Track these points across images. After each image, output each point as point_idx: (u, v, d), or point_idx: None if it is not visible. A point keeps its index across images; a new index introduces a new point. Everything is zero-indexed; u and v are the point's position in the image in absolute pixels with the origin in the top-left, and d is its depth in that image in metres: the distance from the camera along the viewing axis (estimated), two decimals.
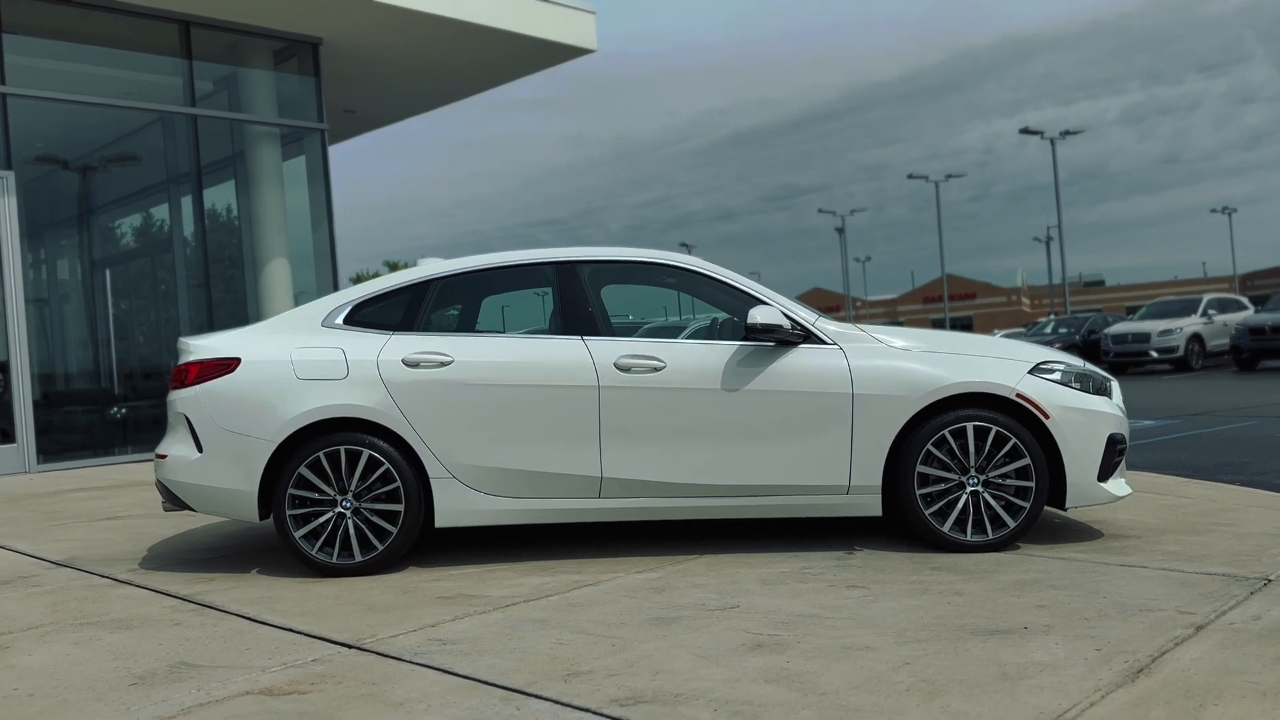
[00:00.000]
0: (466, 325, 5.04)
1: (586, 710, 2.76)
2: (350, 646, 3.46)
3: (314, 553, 4.52)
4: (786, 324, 4.58)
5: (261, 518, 4.64)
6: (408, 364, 4.60)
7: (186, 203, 11.66)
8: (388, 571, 4.59)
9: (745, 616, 3.62)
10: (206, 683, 3.14)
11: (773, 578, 4.18)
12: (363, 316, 4.81)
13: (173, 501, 4.77)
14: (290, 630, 3.71)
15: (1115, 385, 4.93)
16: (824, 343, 4.64)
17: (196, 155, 11.38)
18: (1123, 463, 4.78)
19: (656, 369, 4.58)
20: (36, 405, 10.01)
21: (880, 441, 4.53)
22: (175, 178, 11.75)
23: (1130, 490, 4.79)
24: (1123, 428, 4.72)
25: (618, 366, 4.58)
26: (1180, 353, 22.06)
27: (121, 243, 12.57)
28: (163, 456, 4.75)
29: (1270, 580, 3.83)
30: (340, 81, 13.03)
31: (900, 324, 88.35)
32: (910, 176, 48.87)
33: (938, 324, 66.16)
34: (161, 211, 12.42)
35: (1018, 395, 4.52)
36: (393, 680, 3.08)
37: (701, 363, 4.61)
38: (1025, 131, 37.72)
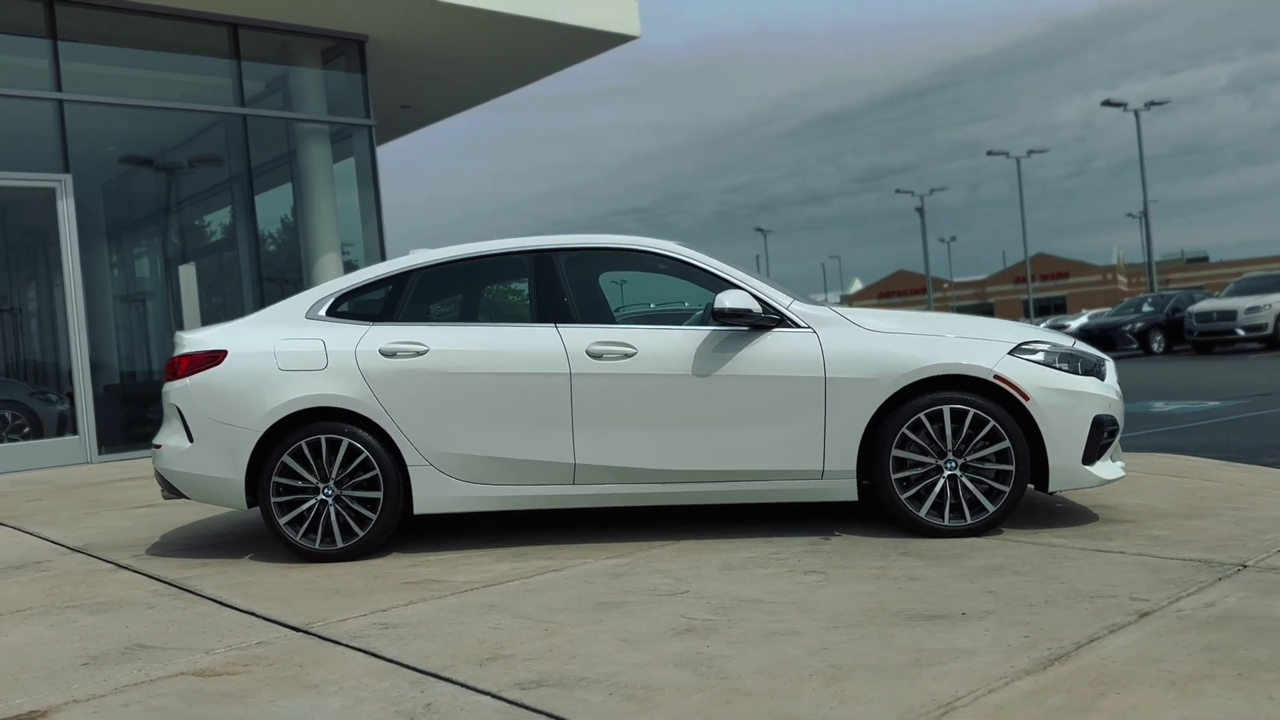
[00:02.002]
0: (447, 315, 5.11)
1: (487, 694, 2.79)
2: (297, 630, 3.55)
3: (298, 539, 4.65)
4: (756, 308, 4.53)
5: (249, 505, 4.79)
6: (384, 354, 4.69)
7: (240, 203, 12.01)
8: (370, 557, 4.69)
9: (689, 602, 3.61)
10: (150, 664, 3.26)
11: (737, 563, 4.16)
12: (345, 308, 4.91)
13: (170, 490, 4.95)
14: (251, 614, 3.82)
15: (1110, 366, 4.76)
16: (798, 326, 4.58)
17: (248, 156, 11.70)
18: (1114, 445, 4.61)
19: (628, 355, 4.58)
20: (98, 399, 10.44)
21: (854, 425, 4.46)
22: (229, 179, 12.10)
23: (1122, 473, 4.62)
24: (1113, 409, 4.55)
25: (589, 354, 4.60)
26: (1269, 330, 21.09)
27: (178, 243, 13.00)
28: (158, 446, 4.93)
29: (1246, 566, 3.67)
30: (392, 78, 13.26)
31: (990, 307, 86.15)
32: (990, 153, 47.62)
33: (1024, 305, 64.19)
34: (217, 212, 12.82)
35: (995, 377, 4.40)
36: (321, 663, 3.16)
37: (674, 349, 4.59)
38: (1107, 104, 36.40)
